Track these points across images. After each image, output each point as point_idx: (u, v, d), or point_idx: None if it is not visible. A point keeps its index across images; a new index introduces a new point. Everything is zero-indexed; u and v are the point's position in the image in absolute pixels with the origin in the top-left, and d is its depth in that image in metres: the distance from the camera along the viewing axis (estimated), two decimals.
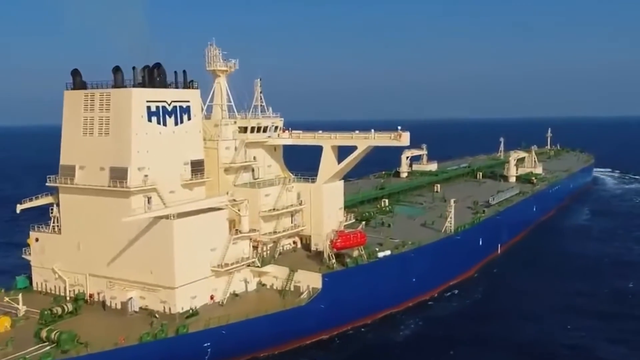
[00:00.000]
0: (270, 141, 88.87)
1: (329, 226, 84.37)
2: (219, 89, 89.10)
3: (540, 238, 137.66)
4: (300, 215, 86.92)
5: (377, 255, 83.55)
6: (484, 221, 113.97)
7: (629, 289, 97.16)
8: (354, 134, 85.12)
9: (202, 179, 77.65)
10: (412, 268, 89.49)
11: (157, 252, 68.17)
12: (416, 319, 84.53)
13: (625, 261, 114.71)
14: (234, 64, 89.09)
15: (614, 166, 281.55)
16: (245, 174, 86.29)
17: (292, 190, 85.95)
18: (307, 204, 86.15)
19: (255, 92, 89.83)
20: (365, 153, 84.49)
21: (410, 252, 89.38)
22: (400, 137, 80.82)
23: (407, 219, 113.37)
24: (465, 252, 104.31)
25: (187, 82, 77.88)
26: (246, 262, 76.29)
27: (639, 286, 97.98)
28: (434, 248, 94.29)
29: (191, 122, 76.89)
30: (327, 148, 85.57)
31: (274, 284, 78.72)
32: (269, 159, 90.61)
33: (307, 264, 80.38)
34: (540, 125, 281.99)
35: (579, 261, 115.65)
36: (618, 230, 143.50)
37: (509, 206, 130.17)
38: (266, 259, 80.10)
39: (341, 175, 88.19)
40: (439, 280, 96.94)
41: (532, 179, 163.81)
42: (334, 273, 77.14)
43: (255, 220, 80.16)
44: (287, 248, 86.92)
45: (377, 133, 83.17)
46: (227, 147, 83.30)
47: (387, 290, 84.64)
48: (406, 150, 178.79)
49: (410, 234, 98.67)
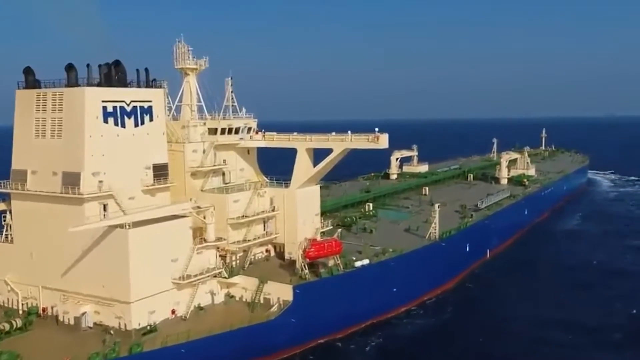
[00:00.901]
0: (242, 143, 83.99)
1: (303, 234, 79.53)
2: (188, 88, 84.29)
3: (530, 243, 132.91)
4: (274, 222, 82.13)
5: (354, 265, 78.73)
6: (472, 226, 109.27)
7: (617, 305, 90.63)
8: (330, 136, 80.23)
9: (165, 184, 72.74)
10: (392, 277, 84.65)
11: (111, 263, 63.26)
12: (392, 332, 79.81)
13: (615, 270, 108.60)
14: (204, 61, 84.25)
15: (611, 168, 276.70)
16: (215, 179, 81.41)
17: (264, 196, 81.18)
18: (281, 210, 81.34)
19: (226, 91, 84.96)
20: (342, 156, 79.65)
21: (391, 260, 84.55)
22: (378, 139, 76.01)
23: (391, 224, 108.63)
24: (450, 259, 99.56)
25: (149, 80, 73.01)
26: (212, 273, 71.40)
27: (628, 302, 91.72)
28: (417, 256, 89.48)
29: (153, 123, 71.98)
30: (302, 151, 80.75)
31: (243, 296, 73.85)
32: (241, 162, 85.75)
33: (279, 274, 75.57)
34: (536, 125, 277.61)
35: (567, 268, 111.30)
36: (610, 237, 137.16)
37: (498, 210, 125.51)
38: (235, 269, 75.30)
39: (317, 180, 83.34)
40: (422, 290, 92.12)
41: (524, 181, 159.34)
42: (306, 284, 72.30)
43: (223, 228, 75.39)
44: (260, 257, 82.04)
45: (354, 135, 78.37)
46: (194, 149, 78.41)
47: (365, 301, 79.74)
48: (395, 151, 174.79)
49: (393, 240, 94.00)
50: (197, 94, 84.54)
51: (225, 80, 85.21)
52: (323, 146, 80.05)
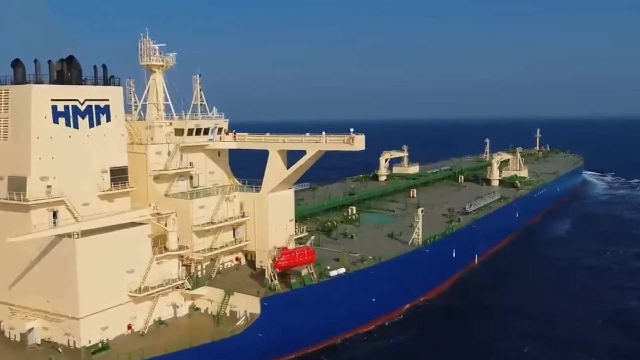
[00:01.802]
0: (211, 145, 79.09)
1: (275, 241, 74.71)
2: (154, 87, 79.27)
3: (521, 247, 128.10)
4: (244, 229, 77.25)
5: (328, 274, 73.83)
6: (458, 231, 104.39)
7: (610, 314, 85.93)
8: (304, 137, 75.37)
9: (124, 189, 67.81)
10: (371, 287, 79.85)
11: (58, 276, 58.32)
12: (369, 345, 75.12)
13: (608, 277, 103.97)
14: (171, 58, 79.29)
15: (607, 169, 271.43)
16: (181, 182, 76.54)
17: (233, 200, 76.32)
18: (251, 216, 76.49)
19: (194, 89, 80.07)
20: (316, 158, 74.82)
21: (370, 269, 79.70)
22: (353, 140, 71.16)
23: (375, 228, 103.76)
24: (435, 265, 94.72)
25: (107, 78, 68.06)
26: (174, 285, 66.49)
27: (614, 315, 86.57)
28: (398, 263, 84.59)
29: (111, 123, 67.04)
30: (274, 153, 75.89)
31: (208, 308, 68.99)
32: (211, 164, 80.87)
33: (248, 285, 70.65)
34: (533, 125, 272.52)
35: (557, 274, 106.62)
36: (603, 241, 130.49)
37: (487, 213, 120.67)
38: (200, 280, 70.38)
39: (290, 183, 78.52)
40: (404, 299, 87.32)
41: (516, 183, 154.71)
42: (275, 296, 67.40)
43: (188, 235, 70.47)
44: (229, 266, 77.16)
45: (329, 136, 73.51)
46: (158, 151, 73.44)
47: (341, 313, 74.85)
48: (385, 152, 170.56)
49: (375, 246, 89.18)
50: (164, 92, 79.57)
51: (193, 78, 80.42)
52: (296, 148, 75.22)
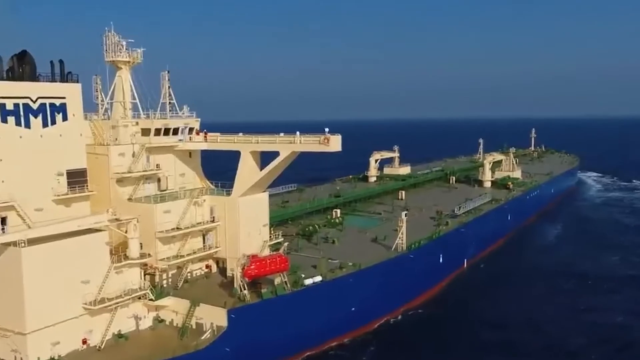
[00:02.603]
0: (180, 145, 74.70)
1: (248, 247, 70.48)
2: (120, 84, 74.75)
3: (512, 251, 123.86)
4: (214, 235, 72.91)
5: (303, 283, 69.53)
6: (446, 235, 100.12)
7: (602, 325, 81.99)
8: (278, 137, 71.05)
9: (83, 193, 63.37)
10: (350, 295, 75.64)
11: (4, 287, 54.00)
12: (346, 358, 70.79)
13: (593, 290, 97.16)
14: (138, 54, 74.85)
15: (604, 169, 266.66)
16: (148, 185, 72.09)
17: (202, 205, 71.97)
18: (222, 221, 72.18)
19: (162, 87, 75.66)
20: (290, 160, 70.60)
21: (349, 276, 75.39)
22: (328, 141, 66.86)
23: (358, 232, 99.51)
24: (420, 272, 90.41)
25: (64, 74, 63.64)
26: (134, 295, 62.15)
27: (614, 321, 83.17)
28: (380, 270, 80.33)
29: (68, 123, 62.62)
30: (246, 154, 71.60)
31: (174, 320, 64.68)
32: (182, 166, 76.42)
33: (217, 295, 66.31)
34: (531, 125, 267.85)
35: (548, 280, 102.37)
36: (591, 250, 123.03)
37: (477, 216, 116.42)
38: (165, 290, 66.08)
39: (264, 186, 74.18)
40: (386, 308, 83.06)
41: (509, 184, 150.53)
42: (243, 308, 63.05)
43: (152, 242, 66.14)
44: (199, 274, 72.82)
45: (304, 136, 69.20)
46: (121, 153, 68.98)
47: (317, 324, 70.49)
48: (375, 152, 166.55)
49: (357, 251, 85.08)
50: (131, 90, 75.09)
51: (161, 74, 75.89)
52: (269, 149, 70.92)
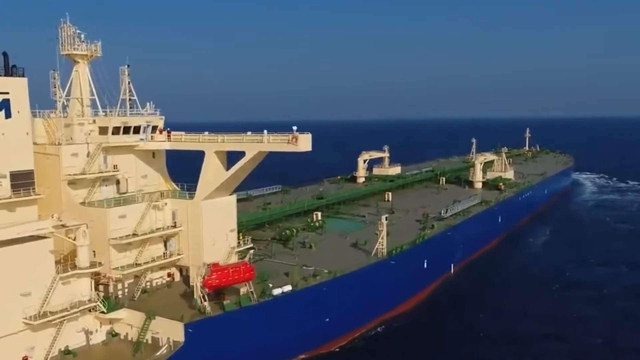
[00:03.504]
0: (141, 145, 69.72)
1: (212, 254, 65.64)
2: (77, 79, 69.79)
3: (502, 255, 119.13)
4: (177, 241, 67.97)
5: (271, 293, 64.58)
6: (431, 239, 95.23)
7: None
8: (245, 136, 66.13)
9: (29, 197, 58.27)
10: (324, 306, 70.71)
11: None
12: None
13: (580, 301, 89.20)
14: (96, 47, 69.80)
15: (601, 170, 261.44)
16: (106, 188, 67.10)
17: (163, 209, 67.03)
18: (185, 226, 67.24)
19: (122, 82, 70.65)
20: (257, 160, 65.75)
21: (323, 285, 70.45)
22: (297, 140, 61.96)
23: (339, 236, 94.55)
24: (402, 278, 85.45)
25: (9, 68, 58.58)
26: (83, 308, 57.17)
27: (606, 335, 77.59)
28: (357, 278, 75.40)
29: (12, 120, 57.39)
30: (210, 154, 66.71)
31: (129, 334, 59.77)
32: (144, 167, 71.41)
33: (177, 306, 61.31)
34: (528, 125, 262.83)
35: (538, 285, 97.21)
36: (580, 258, 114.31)
37: (466, 219, 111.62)
38: (120, 301, 61.11)
39: (230, 189, 69.21)
40: (365, 318, 78.10)
41: (500, 185, 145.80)
42: (203, 321, 58.06)
43: (105, 249, 61.18)
44: (160, 283, 67.84)
45: (272, 135, 64.28)
46: (74, 153, 64.03)
47: (287, 337, 65.56)
48: (364, 152, 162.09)
49: (335, 257, 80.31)
50: (89, 86, 70.14)
51: (120, 69, 70.86)
52: (235, 148, 66.06)
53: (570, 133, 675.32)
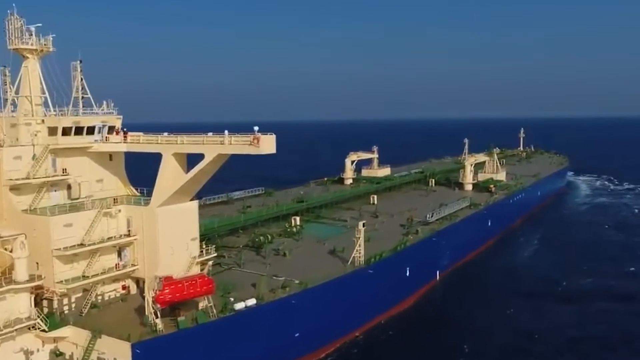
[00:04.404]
0: (95, 147, 64.53)
1: (170, 265, 60.54)
2: (26, 76, 64.46)
3: (491, 260, 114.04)
4: (132, 251, 62.80)
5: (233, 307, 59.47)
6: (414, 245, 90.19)
7: None
8: (205, 137, 60.99)
9: None
10: (294, 320, 65.61)
11: None
12: None
13: (561, 317, 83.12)
14: (48, 41, 64.52)
15: (597, 171, 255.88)
16: (55, 194, 61.79)
17: (117, 216, 61.87)
18: (140, 234, 62.10)
19: (73, 79, 65.39)
20: (218, 163, 60.61)
21: (292, 297, 65.36)
22: (258, 142, 56.87)
23: (317, 243, 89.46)
24: (382, 288, 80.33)
25: None
26: (21, 326, 52.10)
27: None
28: (331, 288, 70.31)
29: None
30: (168, 157, 61.52)
31: (74, 354, 54.68)
32: (99, 171, 66.06)
33: (128, 323, 56.17)
34: (527, 125, 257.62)
35: (529, 296, 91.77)
36: (567, 268, 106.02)
37: (453, 223, 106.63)
38: (65, 318, 56.01)
39: (190, 194, 63.99)
40: (340, 331, 73.13)
41: (491, 187, 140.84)
42: (153, 340, 52.89)
43: (48, 261, 56.03)
44: (113, 296, 62.61)
45: (234, 136, 59.17)
46: (16, 155, 58.78)
47: (249, 355, 60.34)
48: (351, 153, 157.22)
49: (310, 266, 75.37)
50: (40, 83, 64.81)
51: (72, 65, 65.49)
52: (193, 150, 60.89)
53: (568, 133, 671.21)
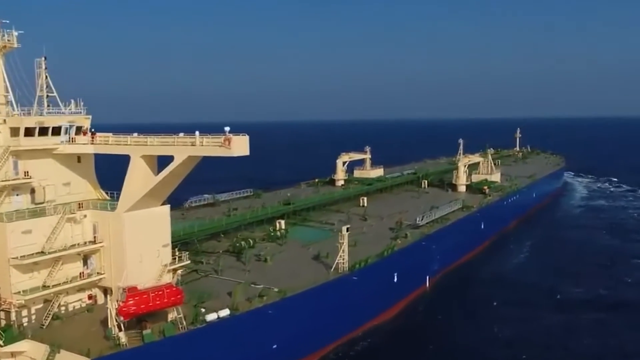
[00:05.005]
0: (60, 148, 61.05)
1: (139, 274, 57.17)
2: None
3: (485, 265, 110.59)
4: (98, 258, 59.38)
5: (204, 319, 56.11)
6: (402, 250, 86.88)
7: None
8: (176, 138, 57.55)
9: None
10: (271, 331, 62.23)
11: None
12: None
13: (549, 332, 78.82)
14: (12, 37, 61.02)
15: (595, 172, 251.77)
16: (17, 198, 58.15)
17: (82, 221, 58.46)
18: (107, 241, 58.69)
19: (38, 76, 61.92)
20: (189, 166, 57.17)
21: (269, 307, 61.99)
22: (230, 143, 53.46)
23: (301, 248, 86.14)
24: (367, 295, 77.03)
25: None
26: None
27: None
28: (312, 297, 66.93)
29: None
30: (136, 159, 58.05)
31: None
32: (67, 174, 62.37)
33: (91, 337, 52.78)
34: (525, 125, 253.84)
35: (521, 305, 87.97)
36: (556, 278, 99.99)
37: (444, 226, 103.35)
38: (24, 330, 52.58)
39: (161, 198, 60.41)
40: (321, 342, 69.77)
41: (485, 189, 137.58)
42: (115, 356, 49.54)
43: (5, 270, 52.62)
44: (78, 307, 59.14)
45: (205, 137, 55.77)
46: None
47: None
48: (343, 153, 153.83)
49: (292, 273, 72.20)
50: (4, 81, 61.27)
51: (36, 61, 62.00)
52: (162, 152, 57.46)
53: (567, 133, 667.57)
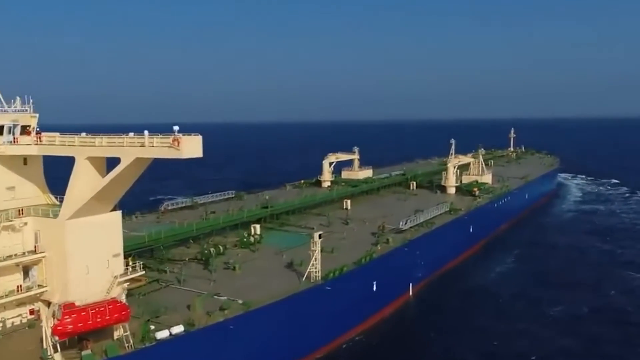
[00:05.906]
0: (2, 149, 56.00)
1: (86, 286, 52.13)
2: None
3: (473, 271, 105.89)
4: (41, 270, 54.37)
5: (154, 337, 51.16)
6: (382, 257, 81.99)
7: None
8: (126, 137, 52.56)
9: None
10: (231, 347, 57.36)
11: None
12: None
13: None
14: None
15: (591, 174, 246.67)
16: None
17: (21, 230, 53.46)
18: (49, 251, 53.69)
19: None
20: (138, 168, 52.20)
21: (230, 321, 57.05)
22: (179, 144, 48.50)
23: (275, 255, 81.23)
24: (342, 306, 72.25)
25: None
26: None
27: None
28: (279, 310, 62.01)
29: None
30: (81, 161, 52.99)
31: None
32: (11, 177, 57.28)
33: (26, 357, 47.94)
34: (524, 125, 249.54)
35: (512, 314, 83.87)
36: (545, 288, 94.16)
37: (429, 230, 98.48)
38: None
39: (110, 204, 55.26)
40: (289, 358, 64.78)
41: (474, 190, 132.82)
42: None
43: None
44: (18, 323, 54.12)
45: (156, 137, 50.80)
46: None
47: None
48: (330, 154, 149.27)
49: (261, 283, 67.41)
50: None
51: None
52: (109, 154, 52.41)
53: (566, 133, 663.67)
